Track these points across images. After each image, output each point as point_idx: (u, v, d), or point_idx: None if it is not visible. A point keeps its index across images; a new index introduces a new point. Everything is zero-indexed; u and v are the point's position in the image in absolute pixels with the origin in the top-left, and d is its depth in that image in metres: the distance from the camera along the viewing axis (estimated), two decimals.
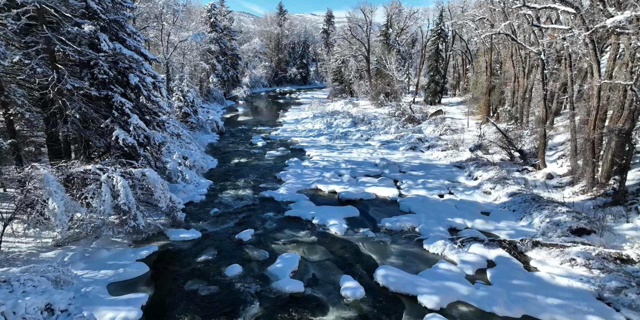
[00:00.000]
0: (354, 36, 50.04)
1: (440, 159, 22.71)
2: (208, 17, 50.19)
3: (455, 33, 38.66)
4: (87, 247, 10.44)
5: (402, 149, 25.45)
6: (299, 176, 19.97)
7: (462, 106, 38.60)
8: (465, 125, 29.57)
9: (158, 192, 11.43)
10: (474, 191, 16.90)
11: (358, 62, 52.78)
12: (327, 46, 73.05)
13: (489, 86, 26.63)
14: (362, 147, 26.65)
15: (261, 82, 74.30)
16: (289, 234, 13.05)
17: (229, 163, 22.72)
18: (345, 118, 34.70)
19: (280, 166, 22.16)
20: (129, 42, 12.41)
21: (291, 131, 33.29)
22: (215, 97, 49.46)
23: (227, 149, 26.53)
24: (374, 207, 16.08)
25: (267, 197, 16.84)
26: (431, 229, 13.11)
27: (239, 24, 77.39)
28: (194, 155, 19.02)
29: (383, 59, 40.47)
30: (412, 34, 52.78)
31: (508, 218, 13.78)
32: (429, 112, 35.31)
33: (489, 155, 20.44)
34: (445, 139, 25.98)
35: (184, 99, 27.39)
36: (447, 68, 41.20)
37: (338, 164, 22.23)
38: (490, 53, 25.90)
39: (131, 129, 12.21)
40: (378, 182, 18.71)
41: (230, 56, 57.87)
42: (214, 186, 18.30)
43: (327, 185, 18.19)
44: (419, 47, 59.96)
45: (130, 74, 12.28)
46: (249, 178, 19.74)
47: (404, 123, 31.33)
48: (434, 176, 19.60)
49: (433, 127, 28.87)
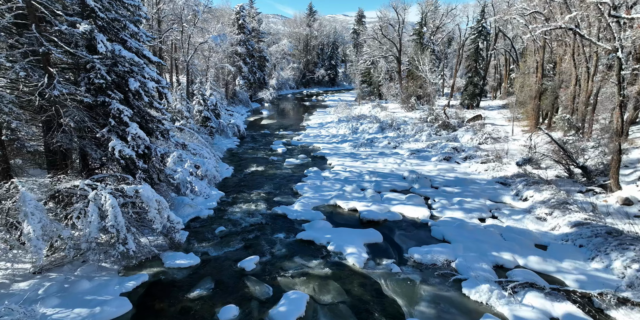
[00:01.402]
0: (385, 36, 47.57)
1: (480, 173, 20.00)
2: (236, 19, 49.81)
3: (498, 30, 35.25)
4: (70, 274, 9.26)
5: (434, 159, 22.94)
6: (317, 189, 18.18)
7: (505, 111, 35.09)
8: (509, 133, 26.43)
9: (152, 212, 10.07)
10: (523, 216, 14.23)
11: (388, 63, 50.20)
12: (356, 47, 70.88)
13: (539, 89, 23.42)
14: (389, 156, 24.40)
15: (288, 84, 73.46)
16: (298, 264, 11.26)
17: (245, 171, 21.39)
18: (372, 123, 32.52)
19: (298, 176, 20.50)
20: (130, 44, 11.25)
21: (314, 137, 31.61)
22: (241, 100, 48.94)
23: (245, 155, 25.30)
24: (401, 231, 13.94)
25: (279, 214, 15.19)
26: (471, 265, 10.79)
27: (267, 25, 77.26)
28: (207, 164, 17.79)
29: (415, 60, 37.81)
30: (448, 32, 49.40)
31: (574, 256, 11.07)
32: (466, 117, 32.27)
33: (540, 171, 17.54)
34: (485, 149, 23.13)
35: (205, 102, 26.51)
36: (488, 69, 37.77)
37: (361, 175, 20.21)
38: (542, 51, 22.71)
39: (129, 139, 10.98)
40: (406, 199, 16.51)
41: (258, 58, 57.29)
42: (226, 198, 16.93)
43: (347, 202, 16.25)
44: (455, 47, 56.33)
45: (130, 78, 11.09)
46: (264, 189, 18.24)
47: (436, 129, 28.65)
48: (472, 194, 17.05)
49: (471, 134, 26.01)
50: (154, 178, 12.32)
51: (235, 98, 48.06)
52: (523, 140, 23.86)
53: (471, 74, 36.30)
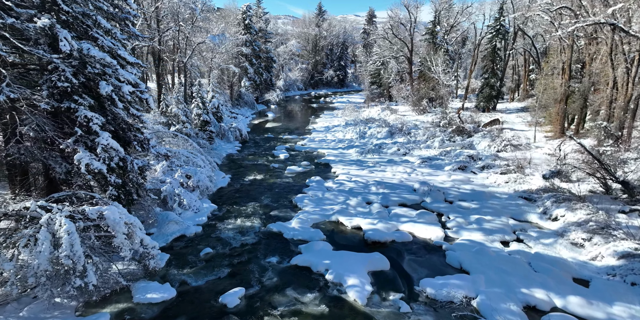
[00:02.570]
0: (396, 35, 45.64)
1: (500, 185, 18.03)
2: (242, 18, 48.62)
3: (518, 28, 33.03)
4: (14, 316, 7.83)
5: (448, 168, 21.02)
6: (319, 202, 16.56)
7: (524, 114, 32.83)
8: (530, 139, 24.30)
9: (119, 238, 8.59)
10: (555, 240, 12.27)
11: (399, 63, 48.24)
12: (365, 47, 69.03)
13: (565, 92, 21.25)
14: (399, 164, 22.57)
15: (296, 85, 72.06)
16: (291, 298, 9.63)
17: (242, 180, 19.89)
18: (381, 127, 30.70)
19: (299, 186, 18.91)
20: (102, 42, 9.85)
21: (319, 141, 29.98)
22: (246, 102, 47.66)
23: (245, 161, 23.82)
24: (410, 255, 12.19)
25: (275, 233, 13.61)
26: (497, 306, 8.98)
27: (275, 25, 76.07)
28: (199, 174, 16.34)
29: (428, 60, 35.83)
30: (463, 31, 47.12)
31: (627, 298, 9.02)
32: (482, 121, 30.18)
33: (570, 184, 15.50)
34: (505, 158, 21.11)
35: (204, 105, 25.18)
36: (506, 69, 35.55)
37: (367, 186, 18.48)
38: (569, 50, 20.55)
39: (99, 150, 9.55)
40: (417, 216, 14.73)
41: (265, 59, 56.00)
42: (218, 212, 15.44)
43: (350, 219, 14.56)
44: (470, 46, 54.08)
45: (102, 81, 9.67)
46: (261, 202, 16.70)
47: (450, 135, 26.67)
48: (492, 211, 15.15)
49: (488, 141, 23.97)
50: (132, 194, 10.87)
51: (240, 100, 46.82)
52: (547, 148, 21.74)
53: (488, 75, 34.12)
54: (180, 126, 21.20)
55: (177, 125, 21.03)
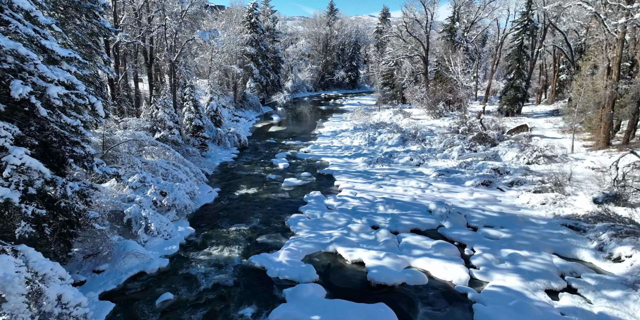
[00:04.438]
0: (411, 33, 42.54)
1: (534, 208, 14.94)
2: (248, 17, 46.51)
3: (548, 23, 29.54)
4: None
5: (469, 184, 17.98)
6: (316, 225, 13.93)
7: (554, 119, 29.33)
8: (566, 148, 20.99)
9: (12, 301, 6.13)
10: (625, 294, 9.18)
11: (413, 64, 45.10)
12: (378, 47, 65.96)
13: (612, 94, 17.94)
14: (411, 177, 19.67)
15: (305, 86, 69.61)
16: None
17: (232, 195, 17.42)
18: (392, 133, 27.82)
19: (295, 203, 16.33)
20: (14, 27, 7.51)
21: (324, 148, 27.31)
22: (251, 104, 45.43)
23: (239, 171, 21.38)
24: (426, 306, 9.40)
25: (257, 268, 11.03)
26: None
27: (284, 24, 73.88)
28: (177, 191, 13.93)
29: (445, 60, 32.71)
30: (485, 28, 43.56)
31: None
32: (507, 127, 26.90)
33: (631, 211, 12.33)
34: (537, 172, 17.95)
35: (196, 109, 22.90)
36: (533, 69, 32.08)
37: (374, 205, 15.71)
38: (619, 46, 17.21)
39: (7, 173, 7.16)
40: (433, 248, 11.90)
41: (272, 59, 53.80)
42: (194, 237, 12.98)
43: (351, 250, 11.84)
44: (490, 45, 50.45)
45: (14, 80, 7.32)
46: (249, 223, 14.18)
47: (471, 143, 23.54)
48: (529, 243, 12.12)
49: (516, 151, 20.78)
50: (66, 226, 8.46)
51: (244, 102, 44.62)
52: (589, 161, 18.44)
53: (513, 76, 30.73)
54: (165, 132, 18.93)
55: (162, 132, 18.75)
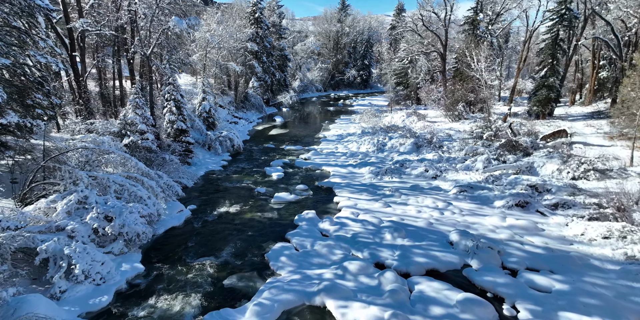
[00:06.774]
0: (427, 28, 38.87)
1: (594, 242, 11.38)
2: (252, 11, 43.82)
3: (590, 11, 25.43)
4: None
5: (499, 204, 14.51)
6: (303, 261, 10.88)
7: (595, 122, 25.31)
8: (620, 158, 17.21)
9: None
10: None
11: (430, 61, 41.39)
12: (391, 44, 62.20)
13: None
14: (427, 192, 16.35)
15: (314, 86, 66.51)
16: None
17: (208, 215, 14.54)
18: (405, 137, 24.48)
19: (283, 226, 13.36)
20: None
21: (326, 155, 24.20)
22: (253, 104, 42.67)
23: (225, 183, 18.50)
24: None
25: None
26: None
27: (292, 22, 71.01)
28: (126, 215, 11.07)
29: (467, 56, 29.03)
30: (512, 20, 39.30)
31: None
32: (539, 132, 23.13)
33: None
34: (589, 191, 14.33)
35: (179, 110, 20.17)
36: (569, 66, 28.03)
37: (380, 231, 12.52)
38: None
39: None
40: (459, 305, 8.64)
41: (277, 57, 51.02)
42: (140, 280, 10.07)
43: (345, 304, 8.70)
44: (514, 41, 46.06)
45: None
46: (218, 257, 11.26)
47: (498, 151, 19.94)
48: (601, 304, 8.62)
49: (557, 163, 17.12)
50: None
51: (246, 102, 41.92)
52: None
53: (545, 73, 26.77)
54: (135, 137, 16.21)
55: (131, 137, 16.04)
